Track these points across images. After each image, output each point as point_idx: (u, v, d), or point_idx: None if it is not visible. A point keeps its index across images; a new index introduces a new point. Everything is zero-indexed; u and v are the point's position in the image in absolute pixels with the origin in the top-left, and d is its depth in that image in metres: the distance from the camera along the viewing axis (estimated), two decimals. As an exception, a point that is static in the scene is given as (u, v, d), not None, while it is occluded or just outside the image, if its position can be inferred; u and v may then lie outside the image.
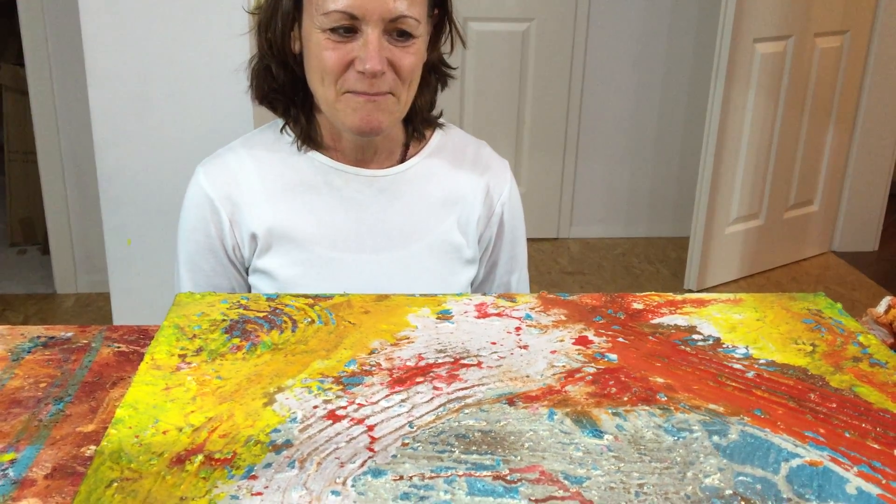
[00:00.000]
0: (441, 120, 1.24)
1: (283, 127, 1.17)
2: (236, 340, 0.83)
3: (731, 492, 0.62)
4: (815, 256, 3.69)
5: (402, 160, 1.19)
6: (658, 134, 3.74)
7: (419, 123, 1.20)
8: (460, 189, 1.21)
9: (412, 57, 1.07)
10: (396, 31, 1.05)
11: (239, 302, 0.91)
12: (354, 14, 1.02)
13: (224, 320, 0.86)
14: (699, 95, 3.58)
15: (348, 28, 1.03)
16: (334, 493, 0.61)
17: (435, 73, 1.19)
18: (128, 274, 2.25)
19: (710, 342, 0.85)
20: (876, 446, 0.68)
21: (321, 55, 1.05)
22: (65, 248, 3.09)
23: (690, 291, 3.29)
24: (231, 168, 1.15)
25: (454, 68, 1.21)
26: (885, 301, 0.95)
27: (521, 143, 3.68)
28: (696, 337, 0.86)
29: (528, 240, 1.34)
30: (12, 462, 0.70)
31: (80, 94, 2.78)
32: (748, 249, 3.41)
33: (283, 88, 1.14)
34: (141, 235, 2.20)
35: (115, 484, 0.61)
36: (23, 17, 2.86)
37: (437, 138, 1.22)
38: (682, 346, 0.84)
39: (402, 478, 0.63)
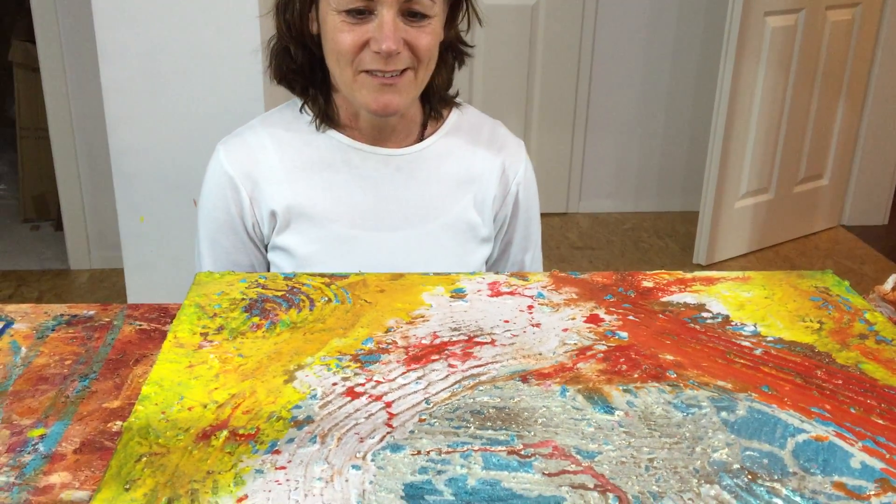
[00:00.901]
0: (457, 99, 1.25)
1: (302, 106, 1.19)
2: (256, 319, 0.85)
3: (738, 466, 0.64)
4: (825, 230, 3.70)
5: (420, 139, 1.21)
6: (668, 108, 3.74)
7: (437, 102, 1.21)
8: (476, 168, 1.22)
9: (428, 36, 1.08)
10: (411, 12, 1.06)
11: (257, 281, 0.93)
12: None
13: (243, 299, 0.89)
14: (709, 69, 3.57)
15: (363, 10, 1.05)
16: (355, 467, 0.63)
17: (452, 52, 1.20)
18: (141, 250, 2.27)
19: (719, 320, 0.87)
20: (881, 422, 0.70)
21: (337, 37, 1.07)
22: (78, 224, 3.12)
23: (699, 266, 3.31)
24: (251, 146, 1.17)
25: (472, 46, 1.22)
26: (892, 278, 0.96)
27: (530, 117, 3.68)
28: (705, 315, 0.88)
29: (538, 214, 1.36)
30: (42, 437, 0.72)
31: (91, 70, 2.79)
32: (757, 224, 3.42)
33: (301, 69, 1.16)
34: (154, 211, 2.22)
35: (145, 458, 0.63)
36: (33, -7, 2.87)
37: (453, 117, 1.24)
38: (692, 324, 0.86)
39: (419, 453, 0.65)
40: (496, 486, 0.61)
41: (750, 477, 0.63)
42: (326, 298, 0.89)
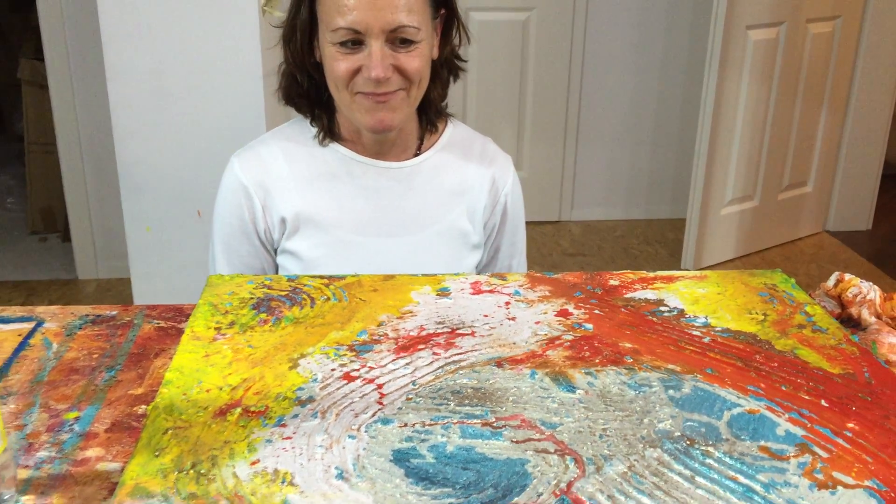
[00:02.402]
0: (448, 111, 1.36)
1: (312, 121, 1.30)
2: (263, 315, 0.95)
3: (679, 434, 0.75)
4: (810, 236, 3.81)
5: (417, 153, 1.32)
6: (656, 119, 3.85)
7: (433, 115, 1.32)
8: (468, 180, 1.33)
9: (416, 60, 1.19)
10: (399, 40, 1.17)
11: (263, 282, 1.04)
12: (358, 29, 1.14)
13: (251, 298, 0.99)
14: (696, 81, 3.68)
15: (355, 41, 1.16)
16: (351, 436, 0.73)
17: (447, 67, 1.31)
18: (147, 259, 2.37)
19: (675, 313, 0.97)
20: (806, 397, 0.81)
21: (333, 65, 1.18)
22: (85, 235, 3.22)
23: (687, 272, 3.41)
24: (263, 158, 1.28)
25: (465, 61, 1.33)
26: (834, 276, 1.07)
27: (522, 129, 3.79)
28: (662, 308, 0.98)
29: (531, 223, 1.47)
30: (77, 419, 0.83)
31: (97, 87, 2.90)
32: (743, 230, 3.52)
33: (307, 93, 1.27)
34: (159, 222, 2.32)
35: (171, 431, 0.74)
36: (42, 13, 2.97)
37: (447, 133, 1.35)
38: (650, 317, 0.96)
39: (406, 425, 0.75)
40: (471, 451, 0.72)
41: (688, 442, 0.74)
42: (326, 297, 1.00)
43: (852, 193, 3.82)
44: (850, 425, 0.76)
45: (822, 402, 0.80)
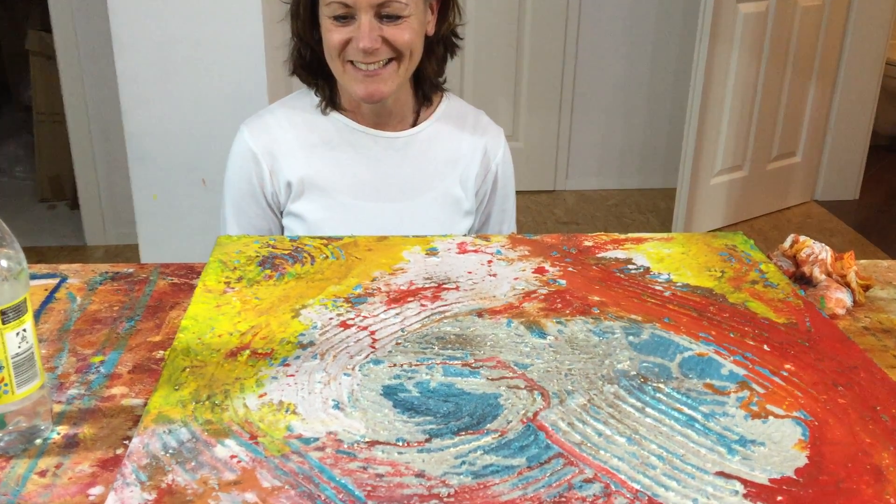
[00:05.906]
0: (444, 86, 1.45)
1: (316, 92, 1.39)
2: (268, 271, 1.05)
3: (635, 373, 0.85)
4: (798, 205, 3.90)
5: (414, 124, 1.41)
6: (649, 91, 3.93)
7: (427, 89, 1.41)
8: (462, 150, 1.43)
9: (405, 33, 1.28)
10: (387, 13, 1.26)
11: (268, 242, 1.14)
12: (347, 3, 1.23)
13: (257, 256, 1.09)
14: (688, 54, 3.74)
15: (346, 15, 1.25)
16: (346, 374, 0.84)
17: (444, 44, 1.40)
18: (154, 226, 2.46)
19: (641, 270, 1.07)
20: (751, 343, 0.91)
21: (328, 36, 1.27)
22: (93, 202, 3.32)
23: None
24: (270, 127, 1.37)
25: (461, 38, 1.42)
26: (790, 238, 1.17)
27: (519, 101, 3.87)
28: (630, 266, 1.08)
29: (527, 192, 1.57)
30: (102, 362, 0.93)
31: (104, 58, 2.98)
32: (732, 199, 3.61)
33: (309, 65, 1.36)
34: (166, 190, 2.41)
35: (188, 369, 0.84)
36: (49, -14, 3.05)
37: (443, 106, 1.44)
38: (618, 274, 1.06)
39: (395, 365, 0.86)
40: (451, 387, 0.82)
41: (642, 379, 0.84)
42: (325, 255, 1.10)
43: (840, 164, 3.91)
44: (787, 366, 0.86)
45: (765, 347, 0.90)
